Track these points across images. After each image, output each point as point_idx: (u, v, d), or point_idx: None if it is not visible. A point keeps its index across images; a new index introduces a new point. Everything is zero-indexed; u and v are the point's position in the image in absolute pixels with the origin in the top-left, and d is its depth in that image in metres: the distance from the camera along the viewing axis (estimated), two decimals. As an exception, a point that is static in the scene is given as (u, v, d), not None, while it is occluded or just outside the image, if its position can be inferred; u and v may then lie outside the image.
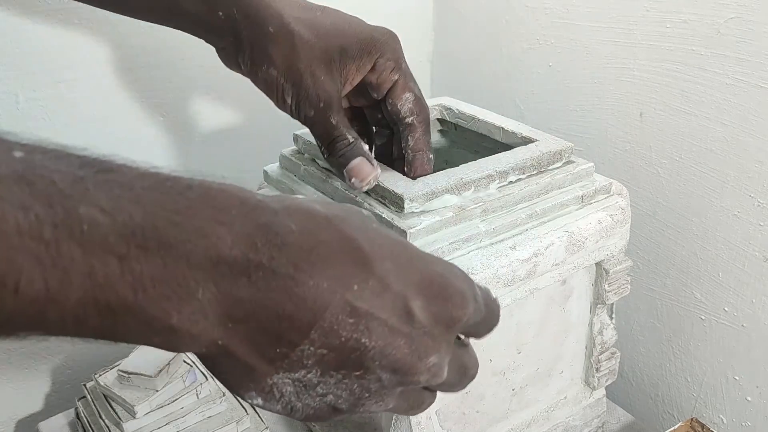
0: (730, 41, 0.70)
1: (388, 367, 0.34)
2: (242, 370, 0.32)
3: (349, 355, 0.33)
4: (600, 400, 0.73)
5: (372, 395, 0.35)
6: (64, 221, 0.26)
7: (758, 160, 0.71)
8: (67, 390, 0.93)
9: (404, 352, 0.34)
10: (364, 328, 0.32)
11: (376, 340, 0.33)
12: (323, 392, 0.34)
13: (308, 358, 0.32)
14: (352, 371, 0.33)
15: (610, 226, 0.60)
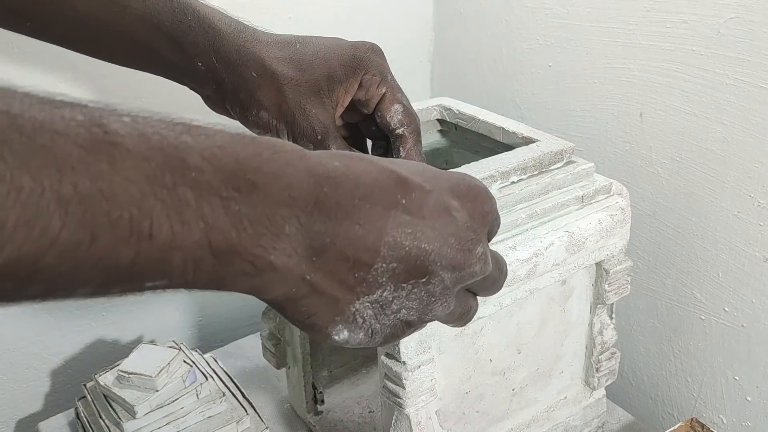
0: (730, 41, 0.70)
1: (447, 266, 0.37)
2: (327, 304, 0.35)
3: (414, 263, 0.36)
4: (600, 400, 0.73)
5: (437, 299, 0.38)
6: (179, 169, 0.29)
7: (758, 160, 0.71)
8: (67, 390, 0.93)
9: (456, 248, 0.38)
10: (420, 234, 0.36)
11: (432, 243, 0.37)
12: (397, 308, 0.37)
13: (382, 275, 0.36)
14: (419, 278, 0.37)
15: (610, 226, 0.60)
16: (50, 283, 0.27)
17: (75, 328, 0.91)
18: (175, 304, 0.98)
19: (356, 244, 0.35)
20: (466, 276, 0.39)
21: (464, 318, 0.42)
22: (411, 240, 0.36)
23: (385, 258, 0.36)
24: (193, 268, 0.30)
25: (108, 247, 0.27)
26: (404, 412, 0.56)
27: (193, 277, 0.30)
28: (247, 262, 0.31)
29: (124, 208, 0.27)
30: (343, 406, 0.79)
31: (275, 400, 0.83)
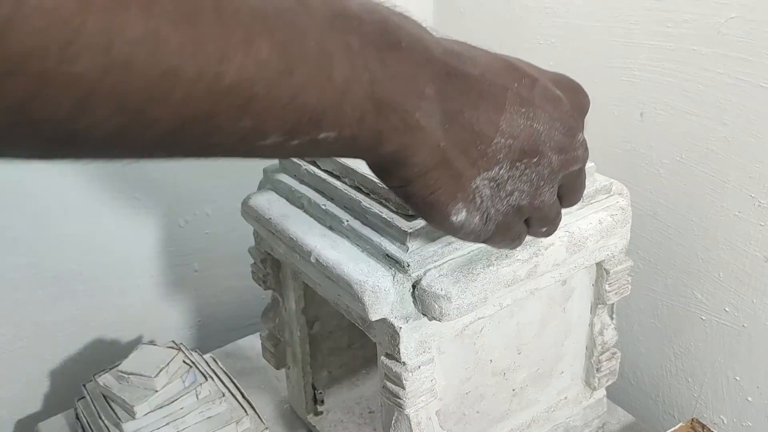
0: (731, 41, 0.70)
1: (555, 147, 0.41)
2: (452, 177, 0.39)
3: (527, 141, 0.40)
4: (600, 400, 0.73)
5: (545, 182, 0.42)
6: (343, 14, 0.32)
7: (759, 160, 0.70)
8: (67, 390, 0.93)
9: (562, 132, 0.41)
10: (532, 115, 0.40)
11: (543, 124, 0.40)
12: (511, 189, 0.41)
13: (500, 151, 0.39)
14: (531, 158, 0.40)
15: (610, 226, 0.60)
16: (258, 118, 0.29)
17: (75, 328, 0.91)
18: (175, 304, 0.98)
19: (480, 115, 0.38)
20: (570, 160, 0.42)
21: (551, 226, 0.46)
22: (525, 119, 0.40)
23: (503, 133, 0.39)
24: (359, 119, 0.33)
25: (300, 83, 0.30)
26: (404, 412, 0.56)
27: (358, 129, 0.33)
28: (399, 118, 0.34)
29: (313, 45, 0.30)
30: (343, 407, 0.79)
31: (275, 400, 0.83)
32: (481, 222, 0.41)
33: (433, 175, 0.38)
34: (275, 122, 0.30)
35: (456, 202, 0.40)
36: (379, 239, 0.54)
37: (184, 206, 0.93)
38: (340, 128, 0.32)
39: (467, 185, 0.39)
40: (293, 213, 0.61)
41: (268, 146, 0.31)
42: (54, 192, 0.84)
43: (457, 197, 0.39)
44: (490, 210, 0.41)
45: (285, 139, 0.31)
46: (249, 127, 0.29)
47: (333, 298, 0.59)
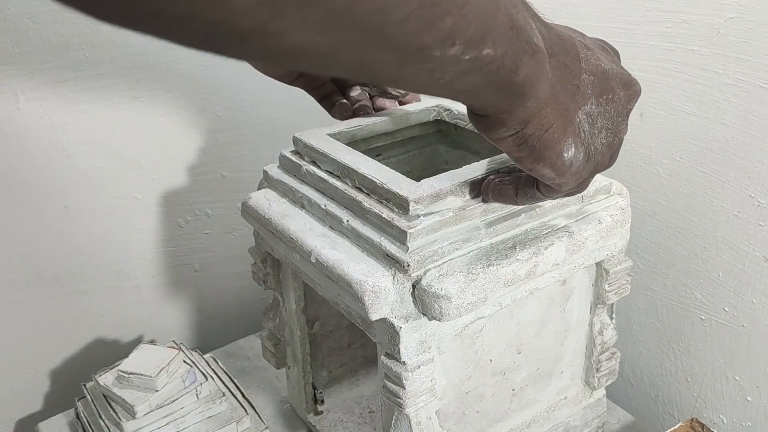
0: (730, 41, 0.70)
1: (620, 83, 0.46)
2: (560, 113, 0.43)
3: (602, 78, 0.45)
4: (600, 400, 0.73)
5: (621, 116, 0.47)
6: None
7: (758, 160, 0.71)
8: (67, 390, 0.93)
9: (620, 71, 0.47)
10: (597, 56, 0.46)
11: (606, 64, 0.46)
12: (600, 126, 0.45)
13: (587, 86, 0.44)
14: (608, 94, 0.45)
15: (610, 226, 0.60)
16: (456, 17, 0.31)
17: (75, 328, 0.91)
18: (175, 304, 0.98)
19: (566, 53, 0.43)
20: (633, 94, 0.47)
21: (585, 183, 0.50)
22: (594, 59, 0.45)
23: (585, 70, 0.44)
24: (506, 37, 0.36)
25: None
26: (404, 412, 0.56)
27: (506, 47, 0.36)
28: (526, 40, 0.38)
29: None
30: (343, 406, 0.79)
31: (275, 400, 0.83)
32: (584, 159, 0.45)
33: (546, 111, 0.42)
34: (464, 24, 0.32)
35: (567, 137, 0.43)
36: (380, 239, 0.54)
37: (184, 206, 0.93)
38: (497, 44, 0.35)
39: (573, 119, 0.44)
40: (293, 213, 0.62)
41: (450, 58, 0.33)
42: (54, 191, 0.84)
43: (567, 131, 0.43)
44: (590, 146, 0.45)
45: (463, 50, 0.34)
46: (447, 28, 0.31)
47: (333, 298, 0.60)
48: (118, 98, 0.84)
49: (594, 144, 0.45)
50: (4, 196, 0.81)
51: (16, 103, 0.78)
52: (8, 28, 0.75)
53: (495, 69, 0.37)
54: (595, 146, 0.45)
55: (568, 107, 0.43)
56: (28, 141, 0.80)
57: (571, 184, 0.47)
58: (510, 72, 0.38)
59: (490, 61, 0.36)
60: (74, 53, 0.80)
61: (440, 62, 0.33)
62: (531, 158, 0.44)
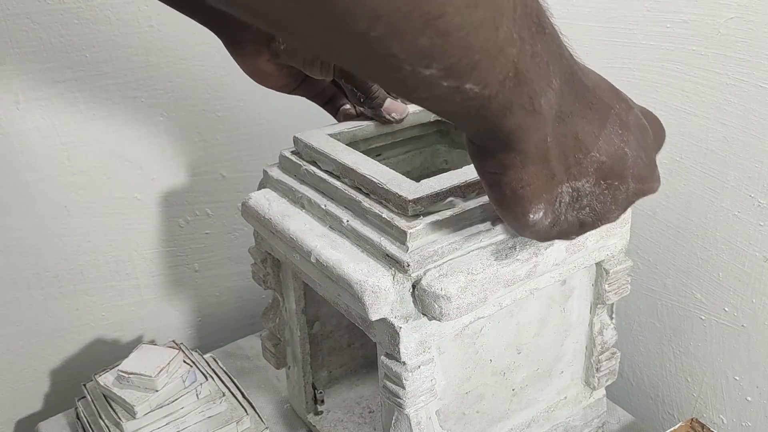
0: (730, 41, 0.70)
1: (636, 175, 0.43)
2: (545, 177, 0.40)
3: (617, 163, 0.42)
4: (600, 400, 0.73)
5: (617, 206, 0.44)
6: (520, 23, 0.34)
7: (758, 160, 0.71)
8: (67, 390, 0.93)
9: (645, 162, 0.44)
10: (626, 139, 0.42)
11: (632, 150, 0.43)
12: (586, 204, 0.43)
13: (592, 164, 0.41)
14: (614, 180, 0.43)
15: (610, 226, 0.60)
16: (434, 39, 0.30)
17: (75, 328, 0.91)
18: (175, 304, 0.98)
19: (585, 125, 0.40)
20: (645, 190, 0.45)
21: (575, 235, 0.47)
22: (620, 141, 0.42)
23: (599, 149, 0.41)
24: (501, 81, 0.34)
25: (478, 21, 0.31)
26: (404, 412, 0.56)
27: (496, 91, 0.34)
28: (528, 96, 0.36)
29: None
30: (343, 406, 0.79)
31: (275, 400, 0.83)
32: (549, 225, 0.43)
33: (531, 169, 0.40)
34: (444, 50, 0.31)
35: (539, 202, 0.41)
36: (379, 239, 0.54)
37: (184, 206, 0.93)
38: (484, 84, 0.34)
39: (555, 188, 0.41)
40: (293, 213, 0.62)
41: (424, 78, 0.32)
42: (54, 192, 0.84)
43: (542, 197, 0.41)
44: (561, 216, 0.43)
45: (441, 75, 0.32)
46: (423, 47, 0.30)
47: (333, 298, 0.60)
48: (118, 98, 0.84)
49: (567, 215, 0.43)
50: (4, 196, 0.81)
51: (16, 103, 0.78)
52: (8, 28, 0.75)
53: (476, 106, 0.35)
54: (566, 217, 0.43)
55: (556, 175, 0.41)
56: (28, 141, 0.80)
57: (529, 237, 0.46)
58: (495, 116, 0.36)
59: (473, 97, 0.34)
60: (74, 53, 0.80)
61: (412, 78, 0.32)
62: (497, 202, 0.43)
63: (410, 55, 0.31)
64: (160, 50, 0.84)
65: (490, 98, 0.35)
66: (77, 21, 0.78)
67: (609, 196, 0.43)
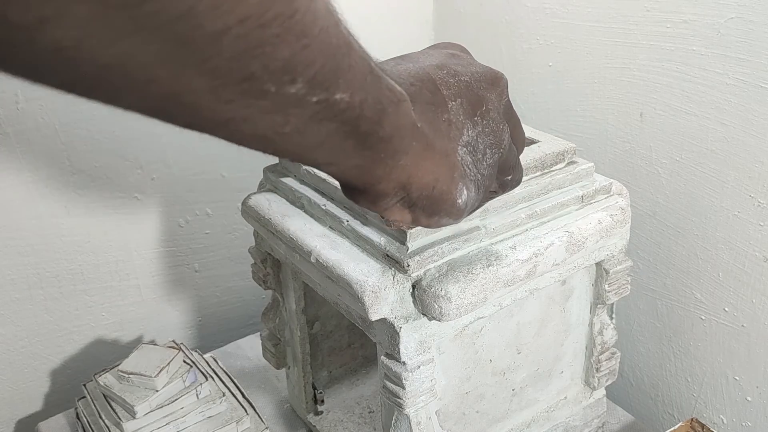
0: (730, 41, 0.70)
1: (486, 85, 0.44)
2: (440, 161, 0.40)
3: (467, 93, 0.43)
4: (600, 400, 0.73)
5: (499, 123, 0.44)
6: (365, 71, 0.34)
7: (758, 160, 0.71)
8: (67, 390, 0.93)
9: (480, 72, 0.44)
10: (453, 71, 0.43)
11: (465, 75, 0.43)
12: (483, 147, 0.43)
13: (457, 112, 0.42)
14: (479, 107, 0.43)
15: (610, 226, 0.60)
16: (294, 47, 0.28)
17: (75, 328, 0.91)
18: (175, 304, 0.98)
19: (423, 88, 0.41)
20: (503, 87, 0.45)
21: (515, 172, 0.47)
22: (452, 78, 0.42)
23: (449, 95, 0.42)
24: (362, 80, 0.34)
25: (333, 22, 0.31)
26: (404, 412, 0.56)
27: (365, 93, 0.34)
28: (389, 90, 0.36)
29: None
30: (343, 406, 0.79)
31: (275, 400, 0.83)
32: (476, 191, 0.42)
33: (426, 165, 0.39)
34: (309, 61, 0.29)
35: (456, 183, 0.41)
36: (379, 239, 0.54)
37: (184, 206, 0.93)
38: (352, 89, 0.32)
39: (455, 160, 0.41)
40: (293, 213, 0.62)
41: (291, 97, 0.29)
42: (54, 192, 0.84)
43: (455, 177, 0.41)
44: (477, 177, 0.42)
45: (307, 91, 0.30)
46: (284, 59, 0.27)
47: (333, 298, 0.60)
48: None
49: (481, 172, 0.43)
50: (4, 196, 0.81)
51: (16, 103, 0.78)
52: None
53: (353, 118, 0.33)
54: (482, 174, 0.43)
55: (447, 149, 0.40)
56: (28, 141, 0.80)
57: (467, 215, 0.44)
58: (373, 123, 0.34)
59: (346, 108, 0.32)
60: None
61: (279, 101, 0.29)
62: (425, 216, 0.41)
63: (270, 72, 0.28)
64: (160, 50, 0.84)
65: (362, 104, 0.33)
66: (77, 21, 0.78)
67: (489, 122, 0.43)
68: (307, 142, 0.33)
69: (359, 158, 0.36)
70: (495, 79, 0.45)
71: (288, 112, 0.30)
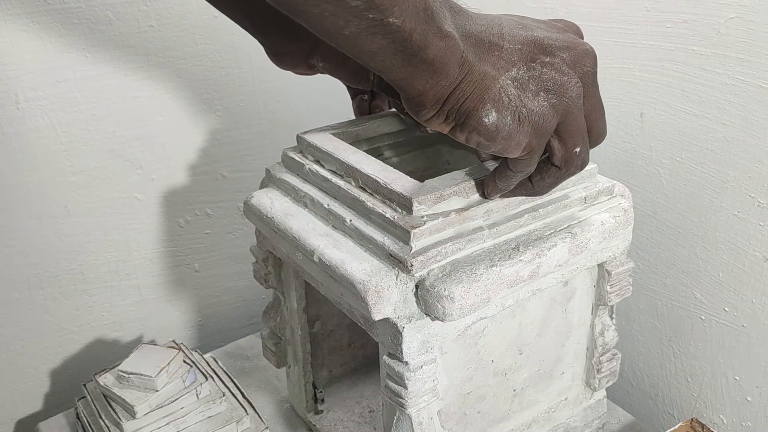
0: (730, 41, 0.70)
1: (560, 45, 0.48)
2: (477, 83, 0.45)
3: (533, 45, 0.47)
4: (600, 401, 0.73)
5: (567, 76, 0.47)
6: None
7: (758, 160, 0.71)
8: (67, 390, 0.93)
9: (561, 35, 0.49)
10: (527, 24, 0.49)
11: (542, 31, 0.49)
12: (535, 89, 0.47)
13: (512, 54, 0.46)
14: (543, 56, 0.47)
15: (613, 227, 0.60)
16: None
17: (75, 328, 0.91)
18: (175, 304, 0.98)
19: (482, 30, 0.46)
20: (581, 54, 0.49)
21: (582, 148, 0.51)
22: (523, 32, 0.48)
23: (508, 40, 0.47)
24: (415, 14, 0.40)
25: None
26: (406, 412, 0.56)
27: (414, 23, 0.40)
28: (436, 26, 0.42)
29: None
30: (343, 406, 0.79)
31: (275, 400, 0.83)
32: (514, 122, 0.46)
33: (462, 86, 0.44)
34: None
35: (485, 104, 0.45)
36: (383, 239, 0.54)
37: (184, 206, 0.93)
38: (404, 17, 0.39)
39: (492, 86, 0.45)
40: (296, 212, 0.61)
41: (350, 8, 0.37)
42: (54, 192, 0.84)
43: (485, 98, 0.45)
44: (521, 109, 0.46)
45: (365, 6, 0.37)
46: None
47: (335, 298, 0.60)
48: (118, 98, 0.84)
49: (527, 106, 0.46)
50: (4, 196, 0.81)
51: (16, 103, 0.78)
52: (9, 28, 0.75)
53: (401, 40, 0.40)
54: (528, 108, 0.46)
55: (486, 74, 0.45)
56: (28, 141, 0.80)
57: (512, 148, 0.48)
58: (419, 48, 0.41)
59: (397, 30, 0.39)
60: (74, 53, 0.80)
61: (341, 8, 0.37)
62: (458, 129, 0.47)
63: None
64: (160, 50, 0.84)
65: (412, 32, 0.40)
66: (77, 21, 0.78)
67: (551, 71, 0.47)
68: (363, 47, 0.40)
69: (404, 72, 0.43)
70: (573, 46, 0.49)
71: (347, 19, 0.37)
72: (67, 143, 0.82)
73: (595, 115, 0.51)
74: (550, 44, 0.48)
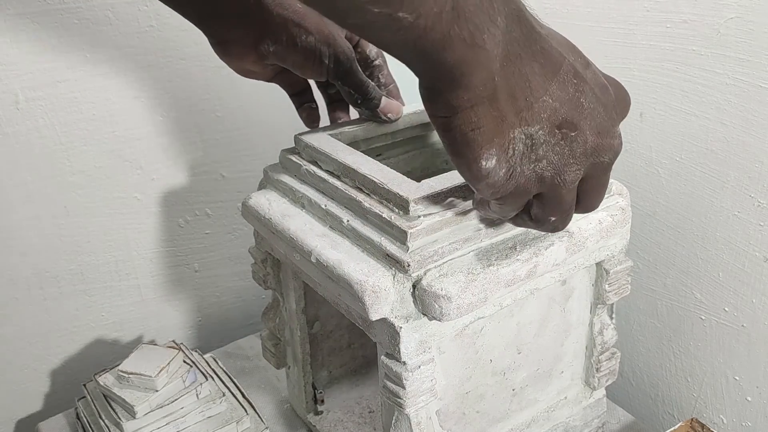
0: (730, 41, 0.70)
1: (594, 127, 0.42)
2: (495, 120, 0.40)
3: (570, 111, 0.42)
4: (600, 400, 0.73)
5: (575, 160, 0.43)
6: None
7: (758, 160, 0.71)
8: (67, 390, 0.93)
9: (604, 116, 0.43)
10: (581, 89, 0.42)
11: (588, 102, 0.42)
12: (542, 155, 0.42)
13: (544, 110, 0.41)
14: (570, 130, 0.42)
15: (610, 226, 0.60)
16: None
17: (75, 328, 0.91)
18: (175, 304, 0.98)
19: (535, 67, 0.40)
20: (605, 146, 0.43)
21: (561, 216, 0.46)
22: (574, 90, 0.42)
23: (552, 94, 0.41)
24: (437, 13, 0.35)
25: None
26: (404, 412, 0.56)
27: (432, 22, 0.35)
28: (469, 31, 0.37)
29: None
30: (343, 406, 0.79)
31: (275, 400, 0.83)
32: (505, 176, 0.42)
33: (479, 110, 0.40)
34: None
35: (491, 147, 0.41)
36: (380, 239, 0.54)
37: (184, 206, 0.93)
38: (417, 14, 0.35)
39: (506, 132, 0.41)
40: (294, 212, 0.62)
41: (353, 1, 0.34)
42: (54, 192, 0.84)
43: (494, 142, 0.41)
44: (517, 167, 0.42)
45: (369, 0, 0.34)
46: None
47: (333, 298, 0.60)
48: (118, 98, 0.84)
49: (523, 168, 0.42)
50: (4, 196, 0.81)
51: (16, 103, 0.78)
52: (9, 28, 0.75)
53: (413, 38, 0.36)
54: (522, 169, 0.42)
55: (506, 118, 0.40)
56: (28, 141, 0.80)
57: (487, 195, 0.44)
58: (437, 49, 0.37)
59: (408, 26, 0.35)
60: (74, 53, 0.80)
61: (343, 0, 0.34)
62: (451, 149, 0.42)
63: None
64: (160, 50, 0.84)
65: (426, 29, 0.36)
66: (77, 21, 0.78)
67: (566, 148, 0.42)
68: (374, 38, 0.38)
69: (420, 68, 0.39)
70: (606, 134, 0.44)
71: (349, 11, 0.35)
72: (67, 143, 0.82)
73: (592, 194, 0.47)
74: (586, 122, 0.43)
